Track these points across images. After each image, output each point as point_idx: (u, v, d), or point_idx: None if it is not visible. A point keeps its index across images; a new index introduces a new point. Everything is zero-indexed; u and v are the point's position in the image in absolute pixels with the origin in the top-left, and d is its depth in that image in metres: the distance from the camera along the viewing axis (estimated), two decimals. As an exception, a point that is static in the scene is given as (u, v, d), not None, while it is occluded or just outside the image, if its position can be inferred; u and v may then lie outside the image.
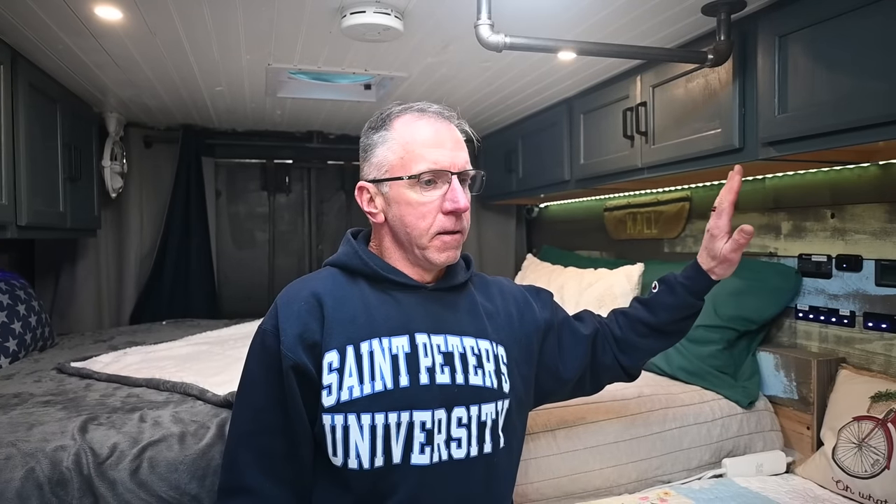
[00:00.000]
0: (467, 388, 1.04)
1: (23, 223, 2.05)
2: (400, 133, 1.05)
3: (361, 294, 1.06)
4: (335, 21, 1.76)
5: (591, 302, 2.30)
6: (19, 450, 1.38)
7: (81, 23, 1.78)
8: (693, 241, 2.52)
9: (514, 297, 1.23)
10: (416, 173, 1.02)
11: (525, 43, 1.49)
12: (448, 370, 1.04)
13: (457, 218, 1.04)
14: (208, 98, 2.73)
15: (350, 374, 1.00)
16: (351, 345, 1.01)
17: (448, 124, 1.07)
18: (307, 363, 1.00)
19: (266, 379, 1.03)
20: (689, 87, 1.92)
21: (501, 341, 1.13)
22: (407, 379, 1.01)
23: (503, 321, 1.17)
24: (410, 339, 1.03)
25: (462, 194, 1.03)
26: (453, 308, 1.10)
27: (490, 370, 1.08)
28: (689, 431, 1.84)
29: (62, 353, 2.41)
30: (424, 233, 1.03)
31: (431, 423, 1.00)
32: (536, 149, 2.95)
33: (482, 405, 1.05)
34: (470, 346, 1.07)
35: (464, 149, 1.07)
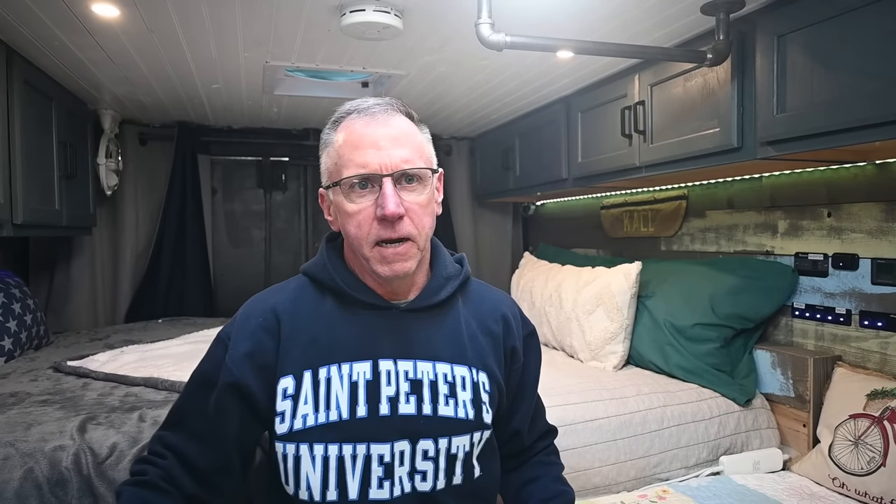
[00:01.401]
0: (435, 419, 0.95)
1: (19, 221, 2.03)
2: (337, 137, 0.96)
3: (326, 312, 0.99)
4: (334, 19, 1.75)
5: (588, 300, 2.31)
6: (18, 450, 1.37)
7: (78, 20, 1.76)
8: (689, 239, 2.53)
9: (504, 318, 1.10)
10: (343, 178, 0.93)
11: (525, 42, 1.49)
12: (414, 400, 0.95)
13: (392, 225, 0.92)
14: (204, 95, 2.72)
15: (305, 401, 0.93)
16: (309, 370, 0.95)
17: (386, 120, 0.94)
18: (252, 384, 0.95)
19: (203, 384, 0.99)
20: (688, 87, 1.92)
21: (484, 367, 1.02)
22: (365, 409, 0.93)
23: (488, 343, 1.05)
24: (373, 366, 0.95)
25: (392, 198, 0.90)
26: (429, 330, 1.00)
27: (465, 399, 0.98)
28: (687, 429, 1.85)
29: (58, 351, 2.40)
30: (364, 242, 0.93)
31: (391, 457, 0.93)
32: (534, 147, 2.95)
33: (453, 437, 0.96)
34: (443, 372, 0.98)
35: (405, 144, 0.94)
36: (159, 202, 3.36)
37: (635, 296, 2.23)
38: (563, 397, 1.83)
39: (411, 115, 1.00)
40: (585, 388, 1.90)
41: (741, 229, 2.26)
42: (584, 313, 2.31)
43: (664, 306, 2.18)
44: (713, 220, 2.40)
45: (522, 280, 2.90)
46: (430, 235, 1.00)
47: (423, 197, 0.96)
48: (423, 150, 0.98)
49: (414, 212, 0.94)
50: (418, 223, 0.95)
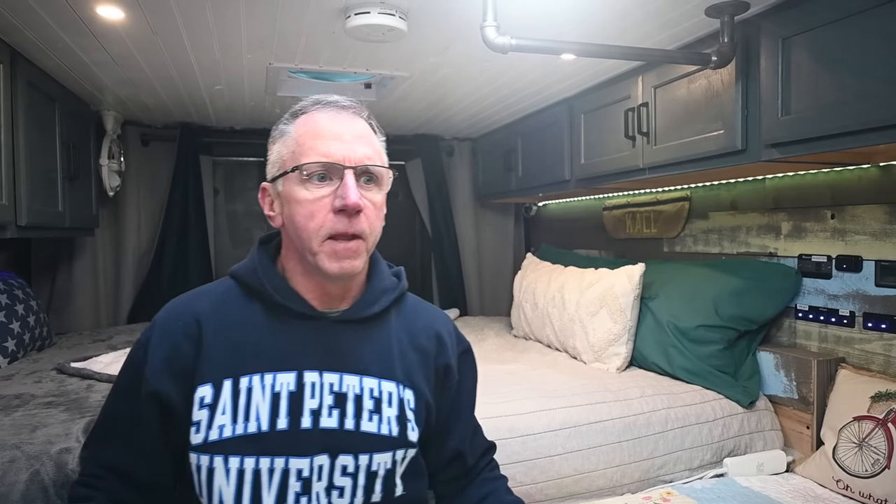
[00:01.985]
0: (357, 434, 0.92)
1: (23, 223, 2.03)
2: (297, 127, 0.93)
3: (252, 319, 0.95)
4: (339, 21, 1.75)
5: (591, 302, 2.31)
6: (24, 452, 1.37)
7: (83, 22, 1.76)
8: (692, 240, 2.53)
9: (437, 335, 1.07)
10: (302, 164, 0.90)
11: (530, 45, 1.49)
12: (337, 413, 0.92)
13: (349, 218, 0.89)
14: (207, 97, 2.72)
15: (223, 411, 0.89)
16: (229, 379, 0.91)
17: (352, 117, 0.94)
18: (170, 392, 0.91)
19: (127, 392, 0.96)
20: (692, 89, 1.92)
21: (411, 384, 1.00)
22: (286, 421, 0.89)
23: (418, 360, 1.03)
24: (298, 377, 0.91)
25: (354, 190, 0.88)
26: (359, 342, 0.97)
27: (391, 416, 0.95)
28: (691, 431, 1.85)
29: (61, 352, 2.40)
30: (314, 234, 0.89)
31: (309, 471, 0.89)
32: (536, 148, 2.95)
33: (374, 454, 0.93)
34: (370, 387, 0.95)
35: (368, 144, 0.93)
36: (161, 203, 3.36)
37: (638, 297, 2.23)
38: (566, 399, 1.83)
39: (372, 123, 0.98)
40: (589, 390, 1.90)
41: (744, 231, 2.26)
42: (588, 315, 2.32)
43: (667, 308, 2.18)
44: (716, 221, 2.40)
45: (525, 281, 2.90)
46: (377, 240, 0.97)
47: (377, 198, 0.94)
48: (381, 154, 0.97)
49: (370, 211, 0.92)
50: (372, 224, 0.93)
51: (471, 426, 1.14)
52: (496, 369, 2.22)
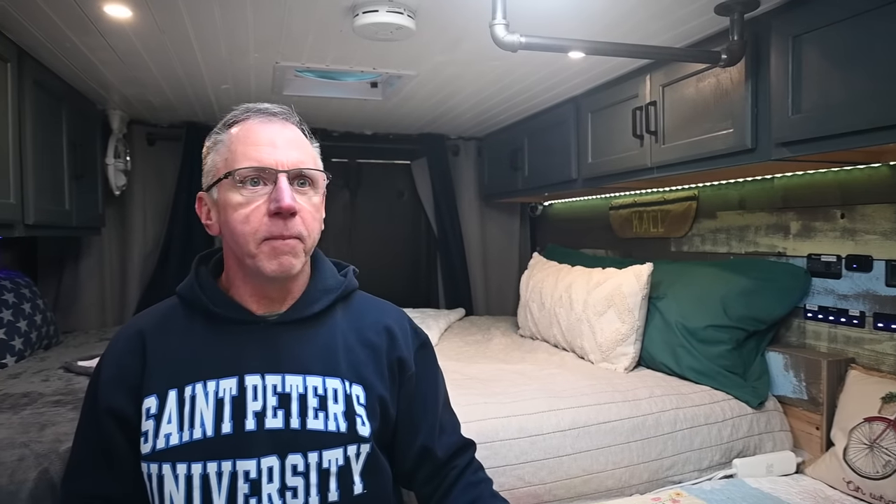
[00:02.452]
0: (304, 433, 0.93)
1: (30, 222, 2.03)
2: (230, 135, 0.96)
3: (194, 331, 0.97)
4: (347, 20, 1.75)
5: (599, 301, 2.30)
6: (32, 451, 1.37)
7: (90, 21, 1.76)
8: (700, 240, 2.52)
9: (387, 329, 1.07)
10: (235, 169, 0.92)
11: (540, 43, 1.48)
12: (282, 414, 0.93)
13: (284, 220, 0.91)
14: (213, 95, 2.72)
15: (169, 420, 0.91)
16: (174, 389, 0.93)
17: (284, 124, 0.97)
18: (124, 407, 0.94)
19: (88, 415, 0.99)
20: (700, 87, 1.91)
21: (360, 379, 1.00)
22: (230, 425, 0.91)
23: (367, 355, 1.03)
24: (239, 381, 0.93)
25: (287, 193, 0.90)
26: (299, 343, 0.98)
27: (337, 412, 0.95)
28: (700, 432, 1.84)
29: (67, 351, 2.40)
30: (251, 238, 0.91)
31: (257, 473, 0.90)
32: (543, 147, 2.94)
33: (323, 451, 0.93)
34: (313, 385, 0.95)
35: (299, 148, 0.95)
36: (167, 202, 3.36)
37: (646, 297, 2.22)
38: (575, 399, 1.82)
39: (304, 129, 1.01)
40: (597, 390, 1.89)
41: (753, 230, 2.25)
42: (595, 315, 2.31)
43: (676, 308, 2.17)
44: (724, 220, 2.39)
45: (532, 281, 2.89)
46: (316, 241, 0.99)
47: (313, 201, 0.96)
48: (316, 159, 1.00)
49: (306, 213, 0.94)
50: (309, 225, 0.95)
51: (436, 421, 1.10)
52: (503, 369, 2.21)
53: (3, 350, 2.13)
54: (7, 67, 1.87)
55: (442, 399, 1.14)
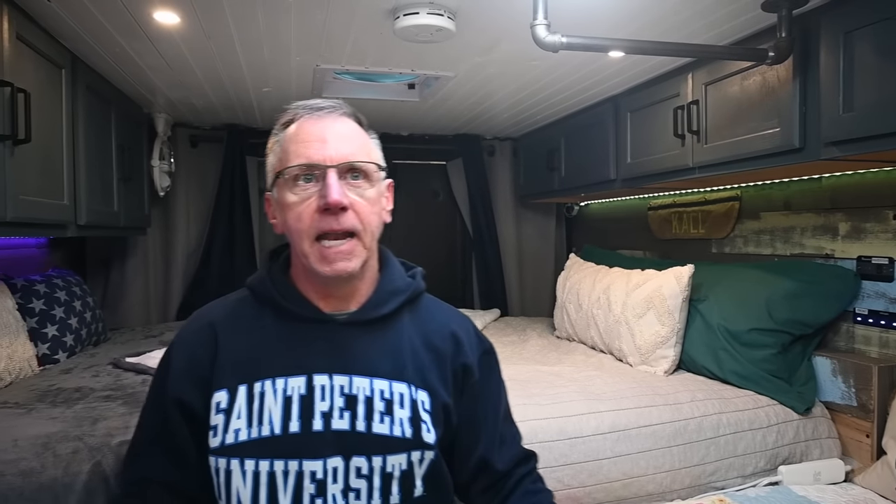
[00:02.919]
0: (369, 436, 0.92)
1: (82, 222, 2.11)
2: (285, 135, 0.96)
3: (264, 326, 0.97)
4: (387, 22, 1.76)
5: (638, 303, 2.27)
6: (86, 444, 1.42)
7: (140, 27, 1.82)
8: (742, 241, 2.47)
9: (453, 335, 1.04)
10: (286, 168, 0.92)
11: (582, 43, 1.47)
12: (349, 415, 0.92)
13: (335, 216, 0.89)
14: (254, 98, 2.77)
15: (238, 415, 0.92)
16: (244, 384, 0.93)
17: (336, 118, 0.95)
18: (192, 399, 0.95)
19: (155, 404, 0.99)
20: (745, 85, 1.87)
21: (425, 384, 0.98)
22: (298, 424, 0.91)
23: (432, 360, 1.00)
24: (308, 380, 0.93)
25: (334, 188, 0.89)
26: (367, 345, 0.97)
27: (403, 417, 0.94)
28: (744, 437, 1.80)
29: (115, 347, 2.48)
30: (304, 235, 0.91)
31: (323, 473, 0.90)
32: (580, 147, 2.92)
33: (387, 456, 0.92)
34: (380, 389, 0.94)
35: (351, 141, 0.93)
36: (209, 203, 3.44)
37: (687, 299, 2.18)
38: (614, 402, 1.80)
39: (360, 120, 0.99)
40: (638, 393, 1.86)
41: (798, 231, 2.19)
42: (634, 316, 2.28)
43: (718, 310, 2.13)
44: (768, 221, 2.33)
45: (569, 282, 2.87)
46: (376, 235, 0.97)
47: (368, 194, 0.94)
48: (371, 151, 0.97)
49: (359, 206, 0.92)
50: (364, 219, 0.92)
51: (497, 432, 1.07)
52: (540, 370, 2.20)
53: (56, 346, 2.20)
54: (62, 73, 1.95)
55: (503, 409, 1.10)
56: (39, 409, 1.63)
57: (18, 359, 1.97)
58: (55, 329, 2.22)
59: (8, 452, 1.37)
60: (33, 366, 2.06)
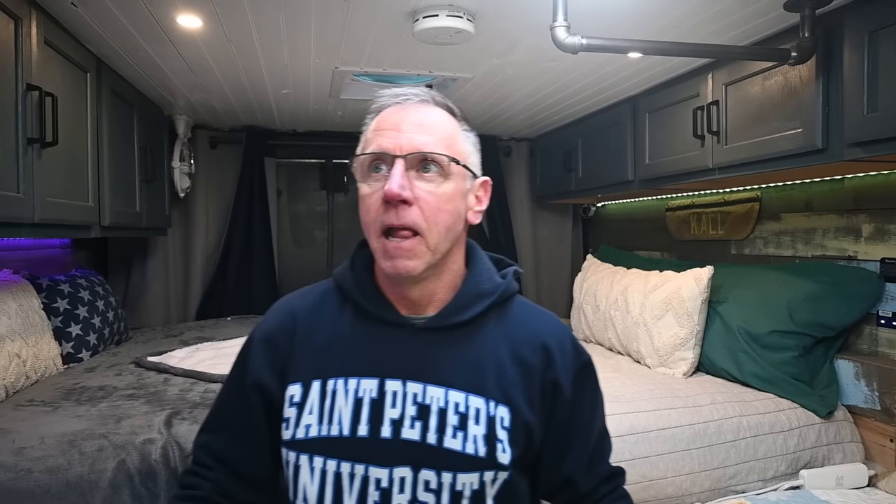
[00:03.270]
0: (440, 450, 0.86)
1: (106, 223, 2.14)
2: (369, 125, 0.92)
3: (343, 322, 0.94)
4: (406, 25, 1.77)
5: (657, 305, 2.26)
6: (111, 442, 1.44)
7: (163, 31, 1.84)
8: (763, 243, 2.44)
9: (544, 346, 0.94)
10: (357, 155, 0.88)
11: (602, 44, 1.47)
12: (420, 425, 0.86)
13: (396, 209, 0.83)
14: (273, 100, 2.80)
15: (311, 411, 0.89)
16: (318, 380, 0.90)
17: (418, 107, 0.89)
18: (270, 384, 0.93)
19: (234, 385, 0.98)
20: (766, 86, 1.86)
21: (507, 400, 0.90)
22: (366, 429, 0.86)
23: (518, 374, 0.92)
24: (380, 384, 0.88)
25: (396, 180, 0.82)
26: (446, 352, 0.90)
27: (477, 434, 0.87)
28: (765, 440, 1.78)
29: (137, 347, 2.51)
30: (371, 229, 0.86)
31: (389, 482, 0.85)
32: (597, 148, 2.90)
33: (458, 474, 0.85)
34: (455, 401, 0.88)
35: (430, 131, 0.87)
36: (228, 203, 3.47)
37: (706, 301, 2.17)
38: (633, 404, 1.80)
39: (452, 110, 0.92)
40: (657, 396, 1.86)
41: (820, 233, 2.17)
42: (653, 318, 2.27)
43: (738, 312, 2.11)
44: (789, 223, 2.31)
45: (586, 283, 2.86)
46: (445, 236, 0.87)
47: (441, 189, 0.86)
48: (455, 144, 0.89)
49: (426, 202, 0.84)
50: (430, 216, 0.84)
51: (588, 452, 0.98)
52: (558, 372, 2.19)
53: (80, 345, 2.24)
54: (87, 77, 1.98)
55: (597, 428, 1.01)
56: (65, 407, 1.66)
57: (44, 357, 2.01)
58: (79, 328, 2.26)
59: (35, 450, 1.40)
60: (58, 364, 2.10)
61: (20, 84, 1.50)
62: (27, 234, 1.62)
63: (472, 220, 0.93)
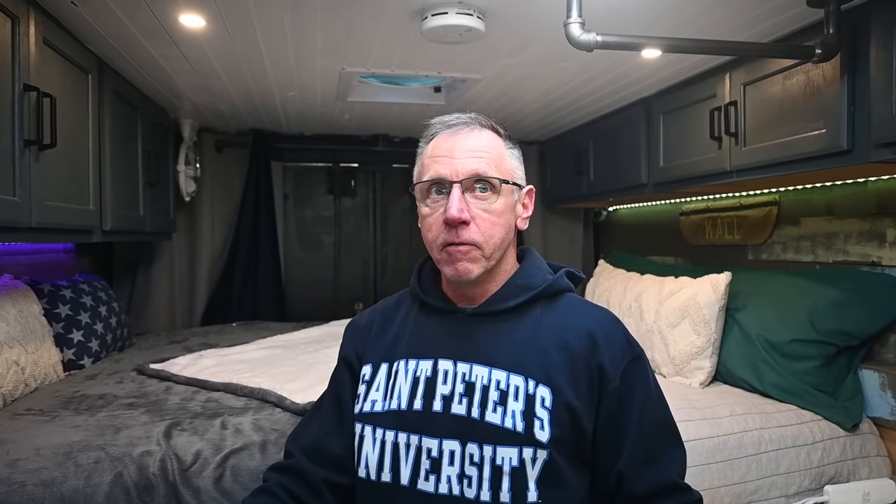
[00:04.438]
0: (482, 423, 0.95)
1: (107, 228, 2.10)
2: (424, 150, 1.04)
3: (408, 316, 1.10)
4: (415, 23, 1.72)
5: (672, 312, 2.19)
6: (108, 454, 1.39)
7: (165, 31, 1.80)
8: (781, 247, 2.37)
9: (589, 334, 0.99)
10: (418, 182, 1.02)
11: (618, 41, 1.41)
12: (466, 401, 0.97)
13: (456, 229, 0.96)
14: (279, 103, 2.76)
15: (377, 388, 1.04)
16: (386, 362, 1.06)
17: (469, 132, 1.00)
18: (353, 360, 1.11)
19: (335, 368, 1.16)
20: (787, 85, 1.79)
21: (548, 381, 0.96)
22: (420, 403, 0.99)
23: (562, 358, 0.97)
24: (434, 364, 1.01)
25: (455, 205, 0.94)
26: (490, 335, 1.01)
27: (515, 410, 0.94)
28: (787, 454, 1.71)
29: (140, 353, 2.47)
30: (433, 245, 1.00)
31: (438, 453, 0.96)
32: (609, 151, 2.84)
33: (497, 447, 0.93)
34: (497, 379, 0.97)
35: (482, 156, 0.98)
36: (234, 208, 3.44)
37: (724, 308, 2.10)
38: (649, 416, 1.73)
39: (498, 130, 1.04)
40: (674, 407, 1.74)
41: (842, 238, 2.09)
42: (668, 326, 2.20)
43: (757, 320, 2.04)
44: (809, 227, 2.24)
45: (598, 289, 2.79)
46: (500, 246, 1.00)
47: (494, 206, 0.98)
48: (503, 163, 1.01)
49: (482, 220, 0.97)
50: (485, 231, 0.97)
51: (641, 447, 0.97)
52: (570, 381, 2.13)
53: (82, 352, 2.20)
54: (88, 78, 1.94)
55: (656, 425, 1.00)
56: (63, 417, 1.61)
57: (44, 364, 1.96)
58: (81, 334, 2.22)
59: (30, 461, 1.35)
60: (59, 371, 2.06)
61: (17, 84, 1.46)
62: (24, 238, 1.57)
63: (521, 227, 1.07)
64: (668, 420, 1.04)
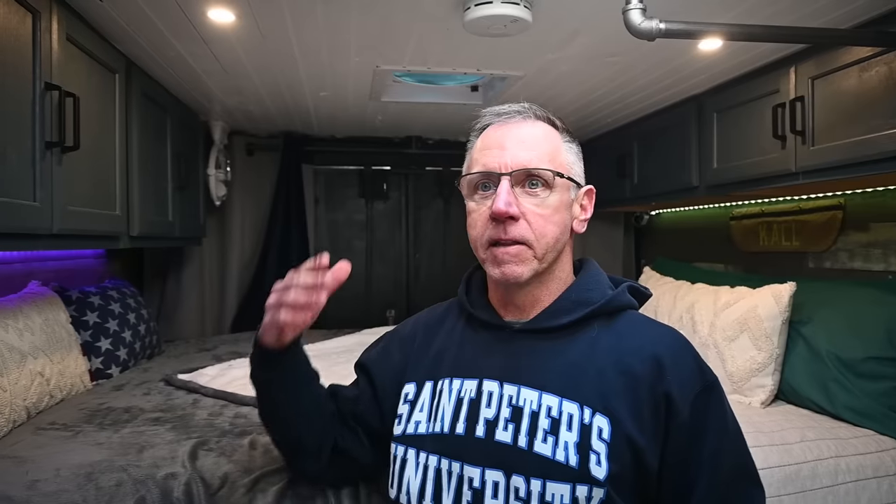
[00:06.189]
0: (530, 454, 0.84)
1: (135, 233, 2.03)
2: (474, 143, 0.98)
3: (454, 330, 1.02)
4: (455, 15, 1.61)
5: (729, 325, 2.03)
6: (130, 476, 1.30)
7: (194, 27, 1.72)
8: (847, 255, 2.19)
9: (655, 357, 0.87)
10: (464, 175, 0.95)
11: (682, 29, 1.28)
12: (512, 428, 0.86)
13: (504, 224, 0.88)
14: (311, 104, 2.67)
15: (421, 409, 0.96)
16: (431, 381, 0.98)
17: (521, 123, 0.93)
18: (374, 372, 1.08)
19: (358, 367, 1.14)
20: (865, 78, 1.63)
21: (606, 410, 0.84)
22: (463, 427, 0.90)
23: (622, 383, 0.86)
24: (479, 385, 0.92)
25: (502, 197, 0.87)
26: (542, 355, 0.91)
27: (568, 441, 0.83)
28: (868, 486, 1.54)
29: (168, 361, 2.40)
30: (479, 243, 0.93)
31: (481, 483, 0.85)
32: (656, 152, 2.69)
33: (547, 481, 0.82)
34: (548, 405, 0.86)
35: (532, 148, 0.90)
36: (264, 212, 3.37)
37: (787, 321, 1.93)
38: (711, 440, 1.58)
39: (554, 122, 0.97)
40: (737, 430, 1.63)
41: (920, 245, 1.91)
42: (725, 340, 2.04)
43: (825, 335, 1.87)
44: (879, 233, 2.06)
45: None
46: (553, 246, 0.91)
47: (547, 202, 0.90)
48: (558, 156, 0.93)
49: (533, 216, 0.89)
50: (537, 229, 0.89)
51: (715, 492, 0.85)
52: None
53: (109, 361, 2.14)
54: (115, 78, 1.87)
55: (732, 466, 0.88)
56: (86, 433, 1.54)
57: (70, 374, 1.90)
58: (109, 343, 2.16)
59: (49, 483, 1.27)
60: (86, 381, 1.99)
61: (38, 82, 1.38)
62: (45, 245, 1.50)
63: (578, 230, 0.98)
64: (746, 460, 0.91)
